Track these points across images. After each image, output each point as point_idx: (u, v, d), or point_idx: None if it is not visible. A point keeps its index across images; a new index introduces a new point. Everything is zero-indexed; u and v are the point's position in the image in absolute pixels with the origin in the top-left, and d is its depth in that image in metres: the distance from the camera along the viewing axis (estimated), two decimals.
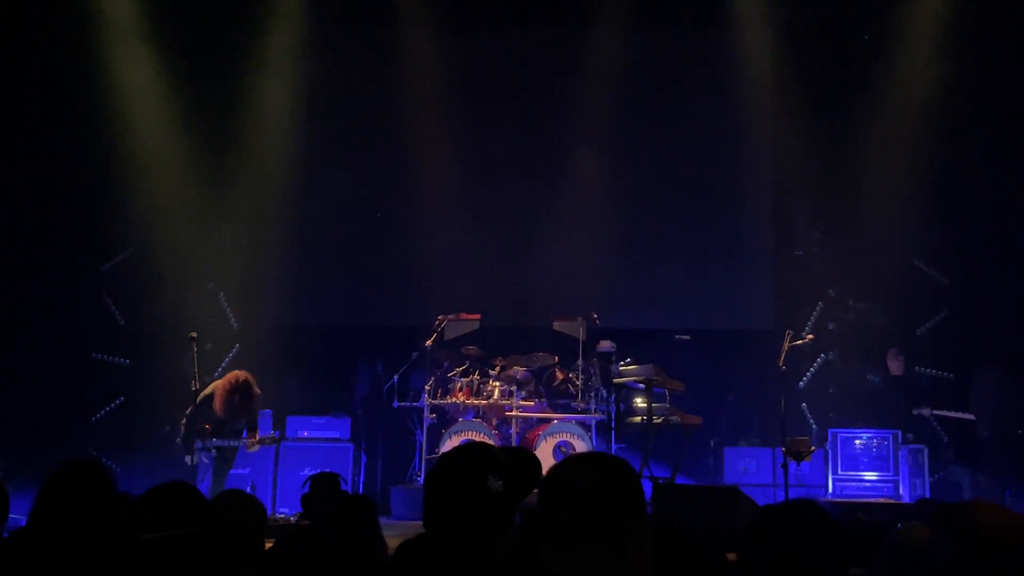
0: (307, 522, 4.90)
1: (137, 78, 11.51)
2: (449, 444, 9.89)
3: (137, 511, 3.38)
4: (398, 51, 11.90)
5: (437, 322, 10.58)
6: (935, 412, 10.49)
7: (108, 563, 2.99)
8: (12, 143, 11.24)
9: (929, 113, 11.08)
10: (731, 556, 2.93)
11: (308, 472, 7.35)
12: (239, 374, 8.68)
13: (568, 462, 2.36)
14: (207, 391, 8.67)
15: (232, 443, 8.62)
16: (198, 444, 8.58)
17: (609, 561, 2.14)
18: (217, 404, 8.50)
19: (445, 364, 10.70)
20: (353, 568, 2.69)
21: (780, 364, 9.12)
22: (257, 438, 8.60)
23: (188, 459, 8.58)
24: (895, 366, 11.09)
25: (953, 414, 10.43)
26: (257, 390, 8.69)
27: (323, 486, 4.94)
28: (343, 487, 5.02)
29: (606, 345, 10.54)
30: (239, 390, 8.54)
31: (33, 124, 11.26)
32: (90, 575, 2.97)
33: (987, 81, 10.85)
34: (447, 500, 2.51)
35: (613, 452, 9.81)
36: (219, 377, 9.11)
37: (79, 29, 11.12)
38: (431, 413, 10.34)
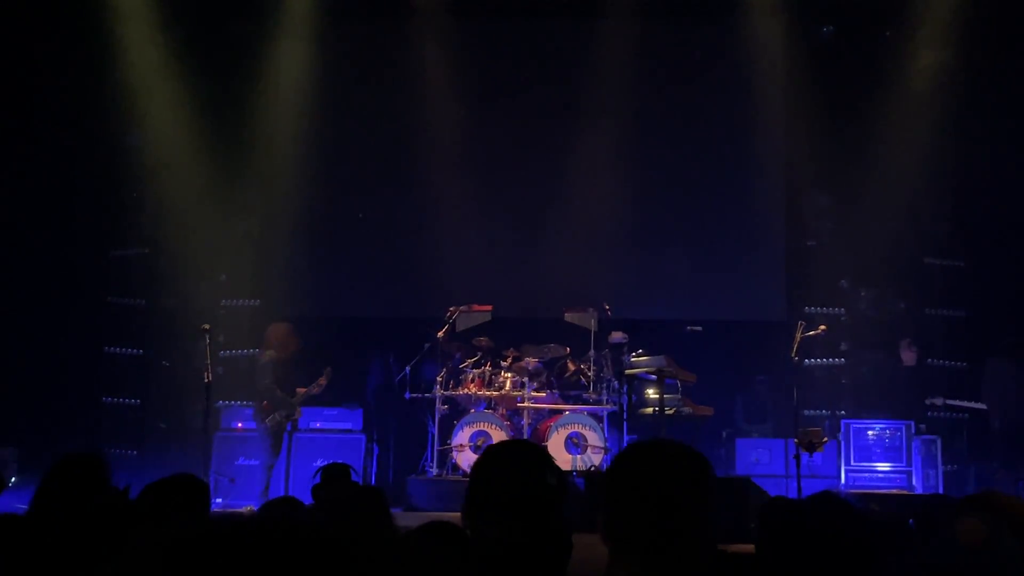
0: (319, 513, 4.91)
1: (149, 70, 11.52)
2: (461, 435, 9.92)
3: (138, 504, 3.39)
4: (408, 42, 11.90)
5: (449, 313, 10.58)
6: (948, 402, 10.47)
7: (97, 555, 3.00)
8: (24, 136, 11.28)
9: (943, 104, 11.03)
10: (741, 548, 2.91)
11: (320, 463, 7.38)
12: (275, 325, 9.84)
13: (634, 449, 2.24)
14: (264, 359, 9.64)
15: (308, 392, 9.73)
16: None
17: (667, 555, 2.05)
18: (291, 345, 9.64)
19: (457, 355, 10.70)
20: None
21: (792, 355, 9.11)
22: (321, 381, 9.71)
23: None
24: (908, 357, 11.06)
25: (966, 404, 10.41)
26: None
27: (334, 477, 4.95)
28: (354, 478, 5.03)
29: (618, 336, 10.52)
30: (288, 329, 9.70)
31: (45, 116, 11.29)
32: (79, 565, 2.98)
33: (1001, 74, 10.80)
34: (501, 491, 2.50)
35: (625, 444, 9.80)
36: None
37: (93, 22, 11.14)
38: (443, 404, 10.34)
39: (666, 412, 9.51)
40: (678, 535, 2.04)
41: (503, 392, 10.27)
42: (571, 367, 10.65)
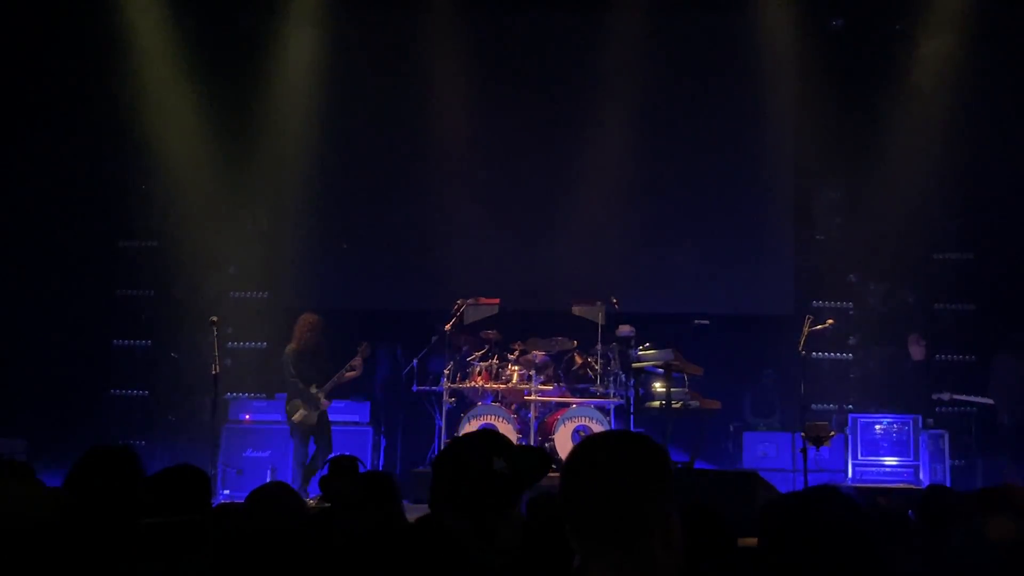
0: (327, 504, 4.93)
1: (158, 62, 11.54)
2: (468, 428, 9.90)
3: (142, 494, 3.39)
4: (417, 34, 11.90)
5: (456, 306, 10.59)
6: (955, 396, 10.45)
7: (123, 549, 3.00)
8: (33, 128, 11.30)
9: (953, 98, 11.00)
10: (748, 541, 2.91)
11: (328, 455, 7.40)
12: (302, 316, 9.72)
13: (584, 445, 2.13)
14: (285, 352, 9.55)
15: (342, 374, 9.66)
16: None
17: (631, 554, 1.96)
18: (309, 336, 9.50)
19: (464, 348, 10.71)
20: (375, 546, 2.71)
21: (800, 349, 9.10)
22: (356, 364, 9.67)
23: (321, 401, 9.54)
24: (916, 351, 11.04)
25: (973, 399, 10.40)
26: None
27: (342, 469, 4.97)
28: (362, 470, 5.04)
29: (625, 330, 10.52)
30: (307, 320, 9.57)
31: (53, 109, 11.31)
32: (106, 560, 2.98)
33: (1012, 67, 10.76)
34: (453, 478, 2.58)
35: None
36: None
37: (103, 13, 11.16)
38: (450, 397, 10.35)
39: (673, 405, 9.51)
40: (638, 532, 1.96)
41: (510, 385, 10.27)
42: (578, 360, 10.65)
